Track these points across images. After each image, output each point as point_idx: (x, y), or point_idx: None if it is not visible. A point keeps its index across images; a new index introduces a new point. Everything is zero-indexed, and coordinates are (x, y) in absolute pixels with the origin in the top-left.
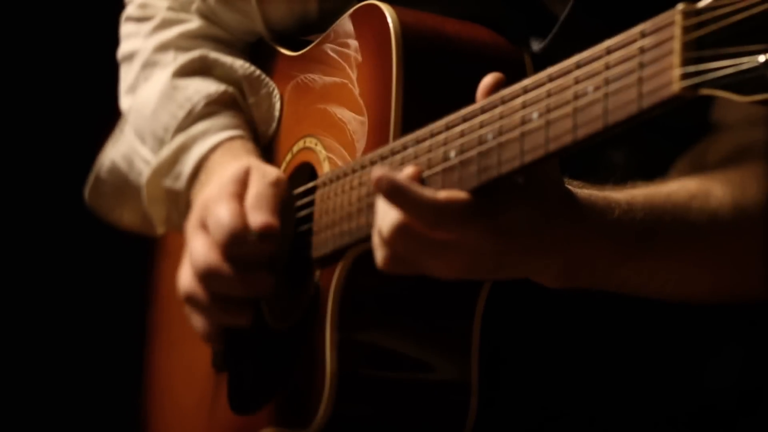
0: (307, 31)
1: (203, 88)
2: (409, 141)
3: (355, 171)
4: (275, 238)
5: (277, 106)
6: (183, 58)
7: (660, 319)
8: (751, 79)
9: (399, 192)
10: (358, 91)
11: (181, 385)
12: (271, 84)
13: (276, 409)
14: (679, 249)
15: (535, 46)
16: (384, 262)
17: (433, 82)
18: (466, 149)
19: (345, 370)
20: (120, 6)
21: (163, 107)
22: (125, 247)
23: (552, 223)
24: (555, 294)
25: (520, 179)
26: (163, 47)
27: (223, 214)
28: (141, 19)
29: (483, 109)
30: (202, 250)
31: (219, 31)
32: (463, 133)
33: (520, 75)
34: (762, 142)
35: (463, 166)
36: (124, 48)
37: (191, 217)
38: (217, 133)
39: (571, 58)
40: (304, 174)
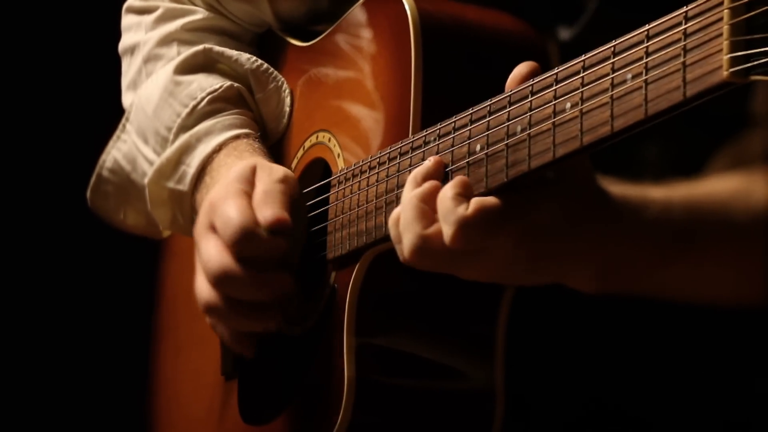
0: (318, 20)
1: (206, 84)
2: (430, 135)
3: (372, 167)
4: (287, 235)
5: (287, 101)
6: (186, 52)
7: (704, 324)
8: None
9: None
10: (373, 83)
11: (188, 392)
12: (280, 78)
13: (290, 418)
14: (719, 251)
15: (564, 34)
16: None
17: (454, 72)
18: (493, 143)
19: (364, 376)
20: None
21: (165, 105)
22: (131, 249)
23: (585, 223)
24: (589, 297)
25: (550, 175)
26: (165, 40)
27: (231, 212)
28: (143, 10)
29: (510, 100)
30: (213, 252)
31: (225, 21)
32: (489, 126)
33: (544, 64)
34: None
35: (490, 160)
36: (126, 41)
37: (199, 221)
38: (221, 133)
39: (606, 45)
40: (316, 171)
